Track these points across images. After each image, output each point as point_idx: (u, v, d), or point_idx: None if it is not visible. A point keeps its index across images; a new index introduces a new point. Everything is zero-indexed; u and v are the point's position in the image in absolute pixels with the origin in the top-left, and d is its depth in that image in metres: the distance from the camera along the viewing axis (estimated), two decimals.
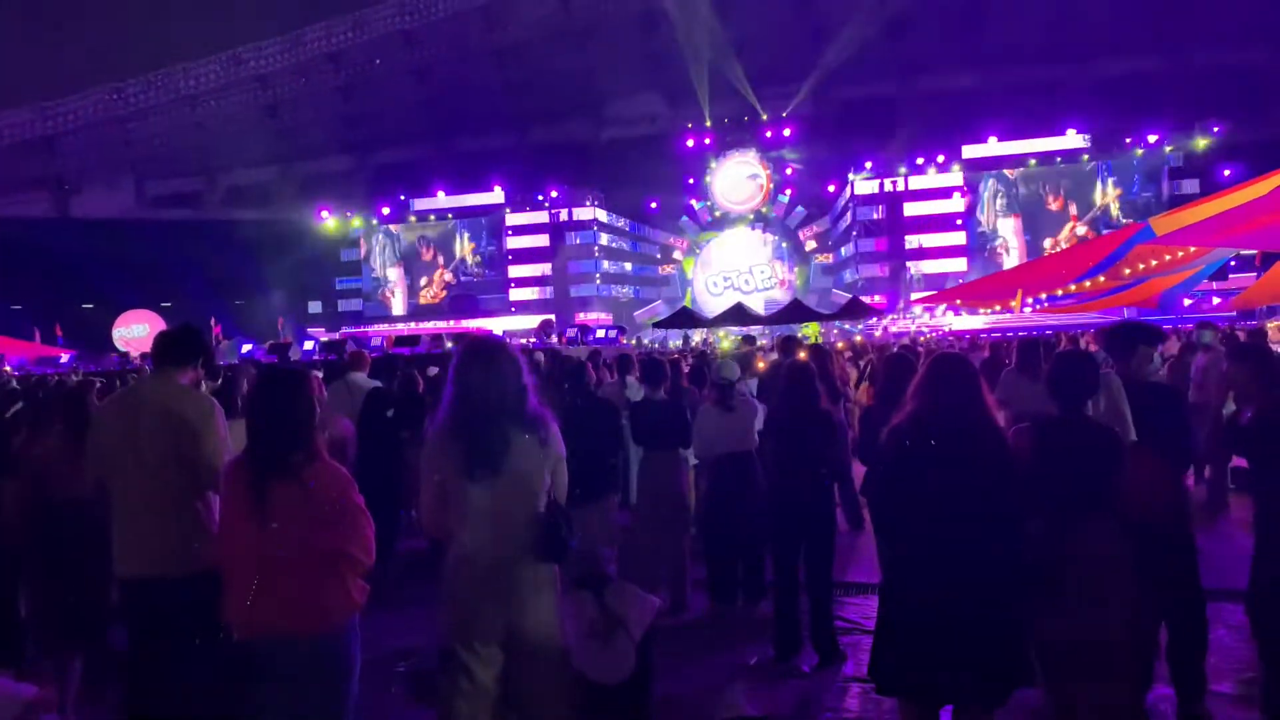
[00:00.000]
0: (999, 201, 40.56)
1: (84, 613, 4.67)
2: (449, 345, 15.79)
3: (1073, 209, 39.63)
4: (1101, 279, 15.00)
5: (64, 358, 22.78)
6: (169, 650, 3.65)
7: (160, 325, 29.67)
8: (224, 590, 3.13)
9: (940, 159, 40.89)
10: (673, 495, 6.38)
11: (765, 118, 45.04)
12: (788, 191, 45.16)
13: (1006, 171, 40.40)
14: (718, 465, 6.20)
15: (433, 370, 9.43)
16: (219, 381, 7.48)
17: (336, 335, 33.98)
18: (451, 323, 42.30)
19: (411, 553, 7.45)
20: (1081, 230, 38.44)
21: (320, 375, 7.16)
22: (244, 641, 3.13)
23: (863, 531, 7.90)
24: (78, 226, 45.07)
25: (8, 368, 19.88)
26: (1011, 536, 3.27)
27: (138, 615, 3.77)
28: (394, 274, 47.84)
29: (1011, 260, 39.36)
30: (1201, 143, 37.13)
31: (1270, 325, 15.98)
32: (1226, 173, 34.64)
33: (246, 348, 23.38)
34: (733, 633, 5.91)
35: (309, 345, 23.19)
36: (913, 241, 41.23)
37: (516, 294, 46.13)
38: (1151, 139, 38.21)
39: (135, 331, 35.96)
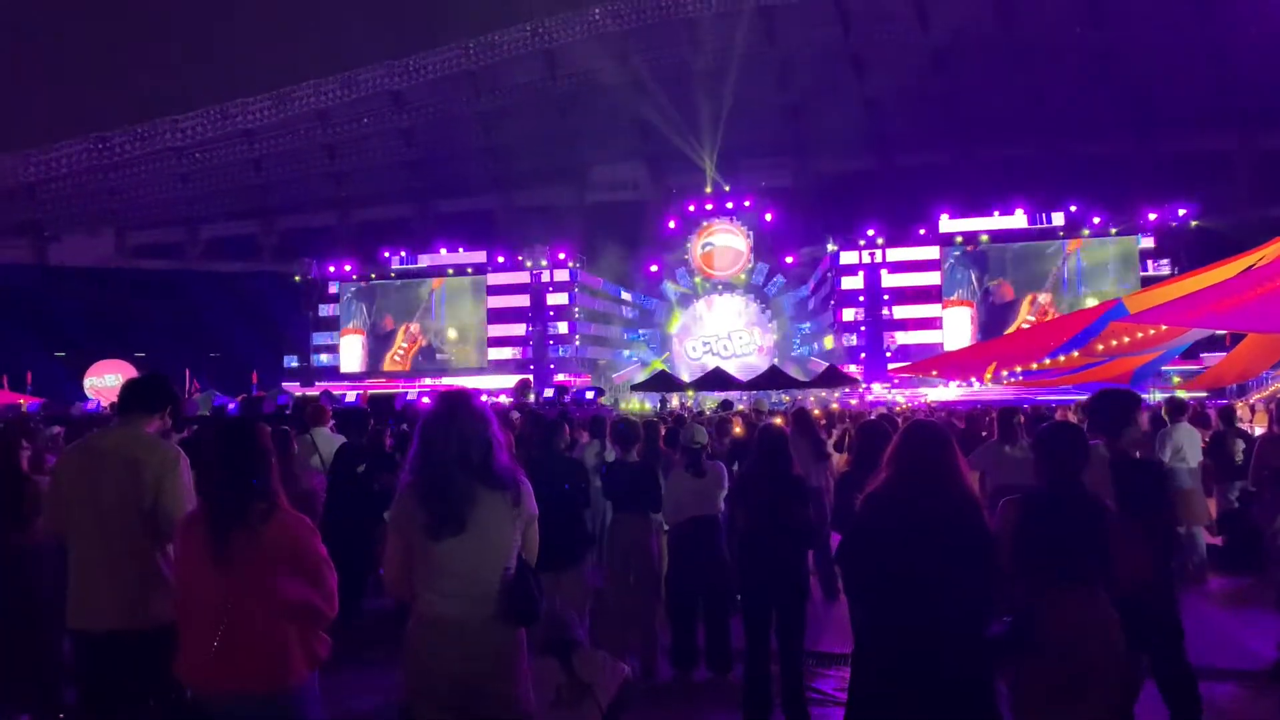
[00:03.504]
0: (961, 283, 40.70)
1: (34, 667, 4.52)
2: (424, 400, 15.68)
3: (1041, 296, 39.84)
4: (1075, 354, 15.13)
5: (22, 403, 22.43)
6: (122, 709, 3.53)
7: (133, 375, 29.34)
8: (179, 646, 3.04)
9: (921, 232, 41.48)
10: (643, 559, 6.30)
11: (747, 187, 45.67)
12: (768, 259, 45.65)
13: (967, 247, 40.77)
14: (681, 529, 6.17)
15: (403, 427, 9.35)
16: (185, 432, 7.38)
17: (311, 390, 33.69)
18: (427, 380, 42.10)
19: (379, 611, 7.30)
20: (1032, 317, 38.48)
21: (287, 430, 7.06)
22: (200, 700, 3.03)
23: (838, 600, 7.81)
24: (55, 274, 44.83)
25: None
26: (984, 602, 3.23)
27: (91, 671, 3.65)
28: (371, 329, 47.68)
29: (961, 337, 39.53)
30: (1173, 224, 37.89)
31: (1239, 404, 16.14)
32: (1197, 254, 35.32)
33: (220, 402, 23.10)
34: (703, 701, 5.81)
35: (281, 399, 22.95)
36: (890, 312, 41.62)
37: (495, 353, 46.05)
38: (1123, 219, 38.97)
39: (107, 380, 35.51)
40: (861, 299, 41.78)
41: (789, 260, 45.46)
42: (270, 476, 3.13)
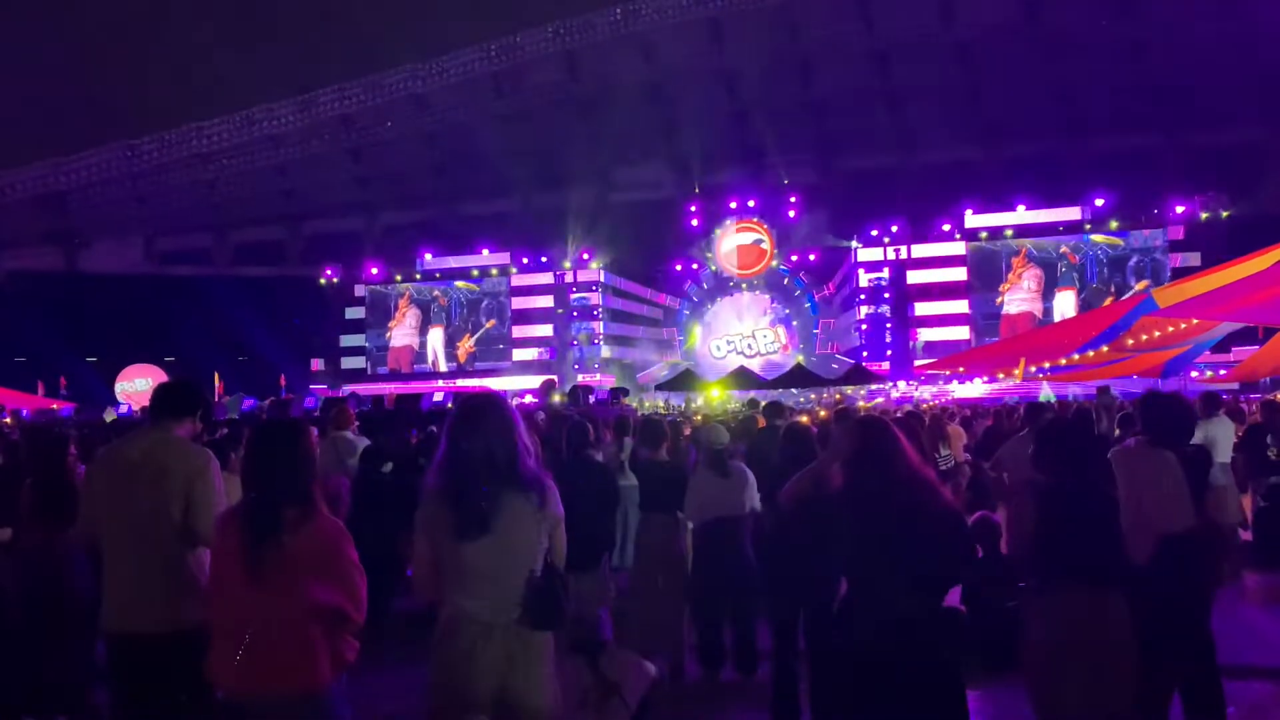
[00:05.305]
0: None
1: (68, 668, 4.57)
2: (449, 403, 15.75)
3: (1065, 291, 39.32)
4: (1105, 349, 14.99)
5: (56, 407, 22.76)
6: (155, 710, 3.56)
7: (163, 379, 29.68)
8: (210, 646, 3.07)
9: (945, 227, 41.18)
10: (670, 559, 6.29)
11: (769, 185, 45.52)
12: (792, 257, 45.44)
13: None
14: (706, 530, 6.14)
15: (431, 428, 9.40)
16: (217, 435, 7.44)
17: (339, 392, 33.95)
18: (453, 381, 42.28)
19: (409, 613, 7.32)
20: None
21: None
22: (231, 700, 3.06)
23: None
24: (85, 280, 45.41)
25: (7, 419, 19.85)
26: (952, 575, 3.19)
27: (124, 673, 3.69)
28: (398, 333, 47.95)
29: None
30: (1203, 216, 37.41)
31: (1277, 397, 15.90)
32: (1226, 247, 34.82)
33: (247, 403, 23.30)
34: (730, 701, 5.80)
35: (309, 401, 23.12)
36: (916, 309, 41.33)
37: (519, 354, 46.18)
38: (1152, 212, 38.53)
39: (138, 385, 36.02)
40: (886, 296, 41.51)
41: (812, 257, 45.25)
42: (310, 481, 3.16)
